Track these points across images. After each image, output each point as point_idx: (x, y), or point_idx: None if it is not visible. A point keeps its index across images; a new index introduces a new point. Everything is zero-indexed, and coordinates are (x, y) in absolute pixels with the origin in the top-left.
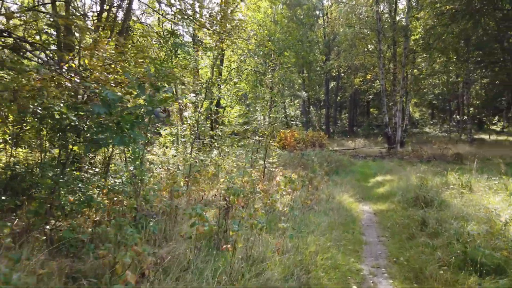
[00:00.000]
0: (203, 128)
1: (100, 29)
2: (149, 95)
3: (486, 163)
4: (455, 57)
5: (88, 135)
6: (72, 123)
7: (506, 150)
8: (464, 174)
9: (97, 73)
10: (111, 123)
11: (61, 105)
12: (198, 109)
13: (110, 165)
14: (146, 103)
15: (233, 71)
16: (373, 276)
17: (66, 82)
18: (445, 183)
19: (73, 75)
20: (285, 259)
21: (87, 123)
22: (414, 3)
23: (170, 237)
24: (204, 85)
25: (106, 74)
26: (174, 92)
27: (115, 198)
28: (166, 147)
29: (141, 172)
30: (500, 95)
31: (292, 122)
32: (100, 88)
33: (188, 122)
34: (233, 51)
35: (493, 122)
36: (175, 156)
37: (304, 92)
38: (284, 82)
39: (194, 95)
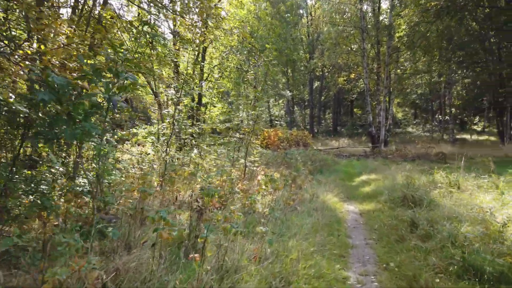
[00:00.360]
0: (183, 126)
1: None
2: (107, 82)
3: (470, 162)
4: (438, 57)
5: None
6: (24, 115)
7: (487, 149)
8: (451, 173)
9: (49, 57)
10: (63, 114)
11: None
12: (177, 106)
13: (84, 164)
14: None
15: (215, 68)
16: (361, 286)
17: (17, 69)
18: (432, 182)
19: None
20: (262, 269)
21: (40, 115)
22: (397, 2)
23: (135, 244)
24: (182, 80)
25: (63, 59)
26: (154, 87)
27: (79, 200)
28: (138, 145)
29: (105, 171)
30: (481, 95)
31: (276, 122)
32: (47, 72)
33: (168, 119)
34: (214, 48)
35: (474, 122)
36: (148, 154)
37: (288, 92)
38: (267, 78)
39: (174, 91)
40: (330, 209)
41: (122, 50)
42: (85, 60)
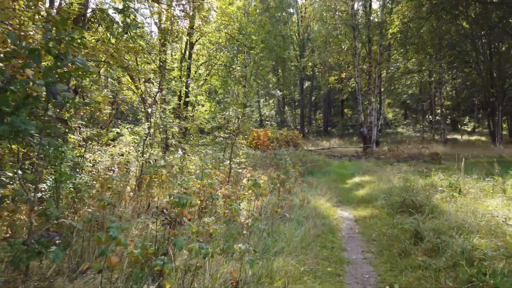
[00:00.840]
0: (168, 126)
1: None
2: (46, 66)
3: (466, 162)
4: (428, 56)
5: None
6: None
7: (480, 149)
8: (449, 175)
9: None
10: None
11: None
12: (156, 102)
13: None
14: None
15: (202, 66)
16: None
17: None
18: (431, 185)
19: None
20: None
21: None
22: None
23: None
24: (168, 77)
25: None
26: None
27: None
28: (108, 145)
29: (63, 175)
30: (472, 95)
31: (267, 122)
32: None
33: (152, 118)
34: (202, 45)
35: (464, 122)
36: (122, 155)
37: (278, 91)
38: (253, 74)
39: (158, 89)
40: (322, 216)
41: (65, 29)
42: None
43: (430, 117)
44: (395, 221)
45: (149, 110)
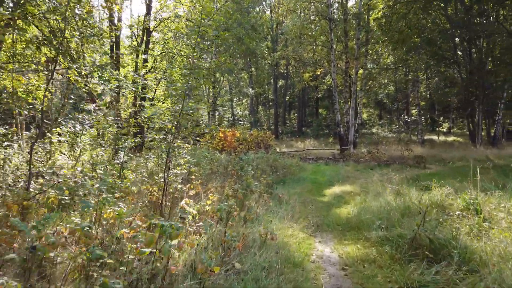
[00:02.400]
0: (107, 125)
1: None
2: None
3: (452, 166)
4: (408, 51)
5: None
6: None
7: (461, 151)
8: (456, 188)
9: None
10: None
11: None
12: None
13: None
14: None
15: (160, 56)
16: None
17: None
18: (437, 204)
19: None
20: None
21: None
22: None
23: None
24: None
25: None
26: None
27: None
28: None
29: None
30: (447, 95)
31: (240, 122)
32: None
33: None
34: (159, 32)
35: (439, 123)
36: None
37: (250, 89)
38: (222, 69)
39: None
40: (293, 264)
41: None
42: None
43: (406, 117)
44: (408, 275)
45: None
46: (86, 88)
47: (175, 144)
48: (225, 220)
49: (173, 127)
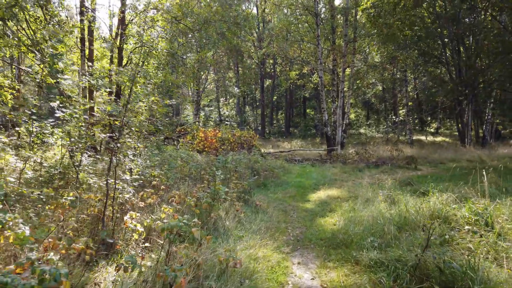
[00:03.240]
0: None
1: None
2: None
3: (444, 167)
4: (397, 47)
5: None
6: None
7: (451, 152)
8: (460, 195)
9: None
10: None
11: None
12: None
13: None
14: None
15: (137, 50)
16: None
17: None
18: (438, 215)
19: None
20: None
21: None
22: None
23: None
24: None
25: None
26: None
27: None
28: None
29: None
30: (434, 94)
31: (226, 122)
32: None
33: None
34: (134, 24)
35: (427, 123)
36: None
37: (236, 88)
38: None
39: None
40: None
41: None
42: None
43: (394, 117)
44: None
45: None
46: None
47: (118, 145)
48: (176, 242)
49: (120, 123)
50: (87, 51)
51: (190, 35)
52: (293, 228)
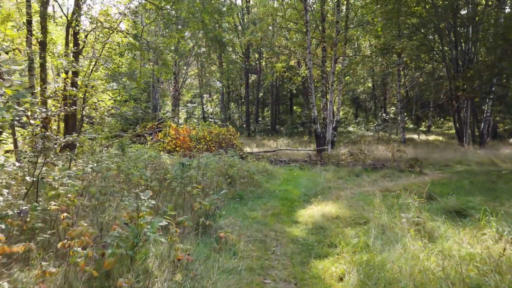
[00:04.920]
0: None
1: None
2: None
3: (449, 171)
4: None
5: None
6: None
7: (451, 152)
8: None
9: None
10: None
11: None
12: None
13: None
14: None
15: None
16: None
17: None
18: (507, 268)
19: None
20: None
21: None
22: None
23: None
24: None
25: None
26: None
27: None
28: None
29: None
30: (426, 91)
31: (210, 119)
32: None
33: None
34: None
35: (423, 121)
36: None
37: (218, 82)
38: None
39: None
40: None
41: None
42: None
43: (384, 114)
44: None
45: None
46: None
47: None
48: None
49: None
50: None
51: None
52: (275, 283)
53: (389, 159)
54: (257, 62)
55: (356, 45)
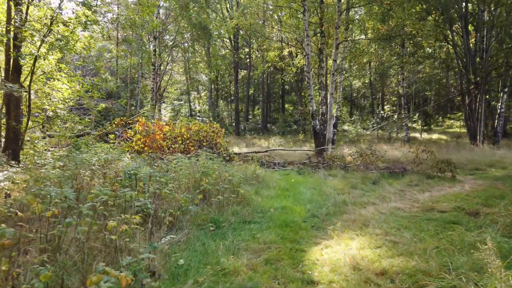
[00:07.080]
0: None
1: None
2: None
3: (499, 179)
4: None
5: None
6: None
7: (466, 152)
8: None
9: None
10: None
11: None
12: None
13: None
14: None
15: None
16: None
17: None
18: None
19: None
20: None
21: None
22: None
23: None
24: None
25: None
26: None
27: None
28: None
29: None
30: (425, 87)
31: (198, 117)
32: None
33: None
34: None
35: (414, 120)
36: None
37: (204, 76)
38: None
39: None
40: None
41: None
42: None
43: (382, 112)
44: None
45: None
46: None
47: None
48: None
49: None
50: None
51: None
52: None
53: (405, 161)
54: (246, 56)
55: (358, 33)
